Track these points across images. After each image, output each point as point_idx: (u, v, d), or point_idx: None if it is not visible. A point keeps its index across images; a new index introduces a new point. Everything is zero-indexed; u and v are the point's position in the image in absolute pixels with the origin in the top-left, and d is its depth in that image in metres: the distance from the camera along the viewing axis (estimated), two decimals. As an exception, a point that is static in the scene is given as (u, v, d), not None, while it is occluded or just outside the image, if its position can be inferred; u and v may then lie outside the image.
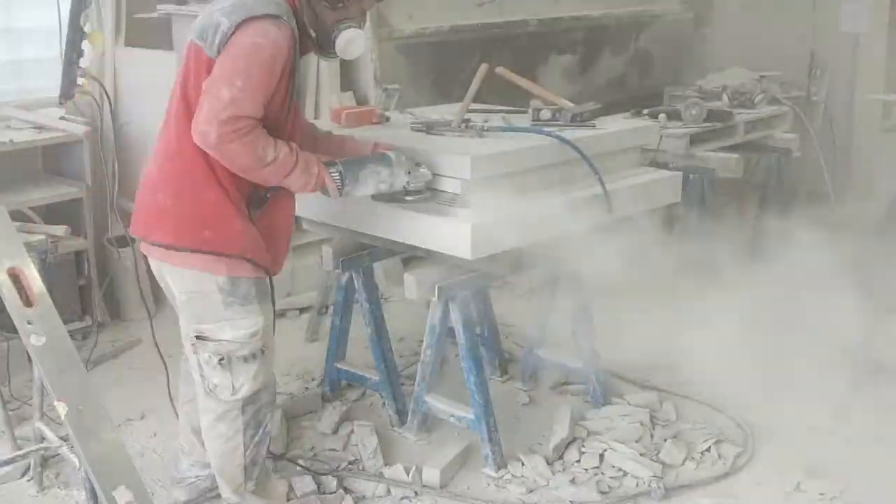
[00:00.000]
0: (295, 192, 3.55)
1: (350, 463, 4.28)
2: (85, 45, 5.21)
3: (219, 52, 3.23)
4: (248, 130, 3.15)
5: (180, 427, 4.04)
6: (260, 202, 3.46)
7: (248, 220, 3.41)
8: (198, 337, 3.46)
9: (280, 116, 3.38)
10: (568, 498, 4.00)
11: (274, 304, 3.64)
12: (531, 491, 4.07)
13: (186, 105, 3.34)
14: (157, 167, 3.48)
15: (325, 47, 3.57)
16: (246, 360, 3.47)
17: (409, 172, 3.70)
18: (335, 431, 4.54)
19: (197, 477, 3.96)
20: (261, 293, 3.50)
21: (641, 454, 4.27)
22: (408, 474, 4.11)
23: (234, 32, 3.22)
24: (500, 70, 4.81)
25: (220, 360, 3.45)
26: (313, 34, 3.51)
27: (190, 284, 3.44)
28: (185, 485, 3.99)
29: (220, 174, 3.32)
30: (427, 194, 3.80)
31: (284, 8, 3.33)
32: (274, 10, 3.25)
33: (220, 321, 3.43)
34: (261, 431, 3.60)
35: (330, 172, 3.48)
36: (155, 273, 3.60)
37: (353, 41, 3.54)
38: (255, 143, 3.19)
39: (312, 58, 6.21)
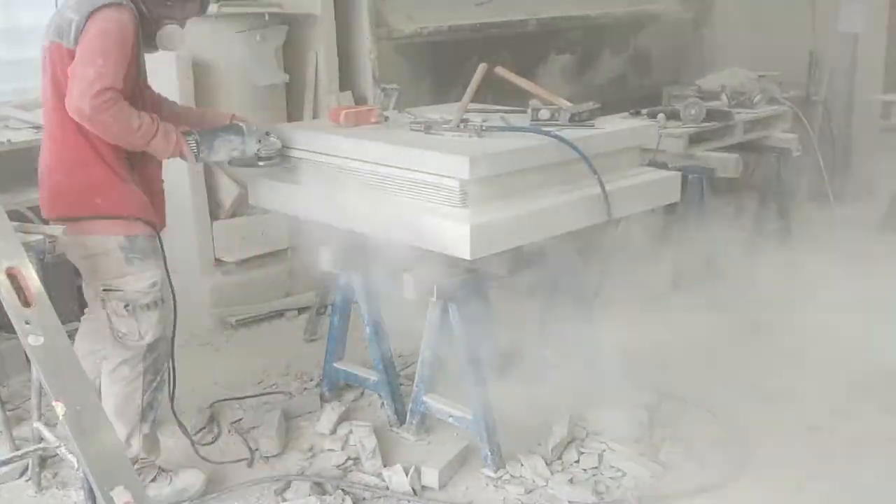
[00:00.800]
0: (159, 158, 3.95)
1: (349, 462, 4.27)
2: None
3: (76, 43, 3.65)
4: (115, 100, 3.58)
5: None
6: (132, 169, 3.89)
7: (132, 185, 3.85)
8: (105, 289, 3.86)
9: (134, 92, 3.81)
10: (566, 498, 3.99)
11: (165, 260, 3.98)
12: (530, 491, 4.07)
13: (58, 93, 3.73)
14: (47, 152, 3.91)
15: (147, 41, 3.95)
16: (148, 307, 3.85)
17: (260, 141, 4.13)
18: (334, 431, 4.53)
19: None
20: (154, 248, 3.91)
21: (641, 454, 4.27)
22: (406, 475, 4.10)
23: (86, 23, 3.64)
24: (499, 70, 4.80)
25: (126, 306, 3.83)
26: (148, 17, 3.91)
27: (93, 248, 3.85)
28: None
29: (100, 147, 3.75)
30: (277, 160, 4.23)
31: None
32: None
33: (124, 276, 3.84)
34: (158, 378, 3.96)
35: (187, 141, 3.88)
36: (67, 253, 3.97)
37: (171, 36, 4.00)
38: (122, 111, 3.62)
39: (311, 58, 6.23)
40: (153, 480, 4.02)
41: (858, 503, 3.97)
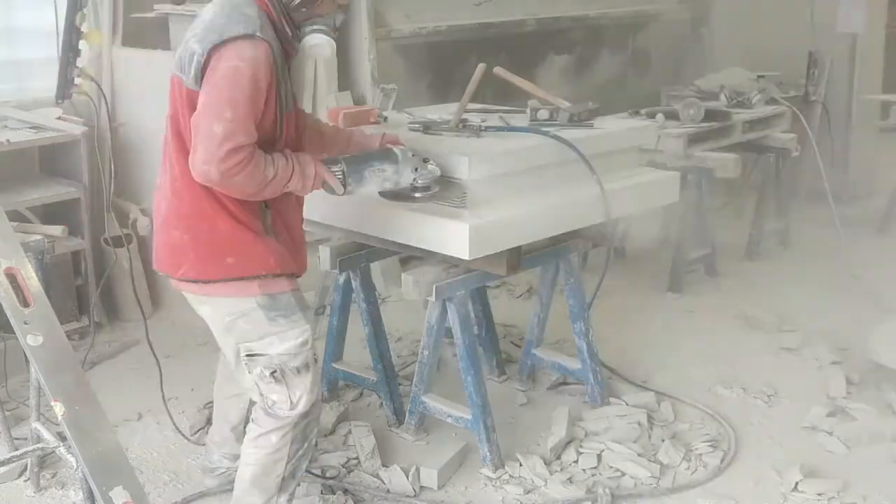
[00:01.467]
0: (300, 195, 3.49)
1: (348, 462, 4.27)
2: (82, 44, 5.21)
3: (197, 82, 3.18)
4: (248, 159, 3.10)
5: (214, 420, 4.08)
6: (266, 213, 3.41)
7: (266, 237, 3.38)
8: (248, 355, 3.41)
9: (272, 129, 3.30)
10: (565, 498, 3.99)
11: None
12: (529, 491, 4.07)
13: (181, 142, 3.30)
14: (165, 203, 3.44)
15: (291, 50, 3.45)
16: (299, 371, 3.41)
17: (416, 169, 3.62)
18: (333, 431, 4.53)
19: (228, 469, 3.97)
20: (300, 301, 3.46)
21: (639, 454, 4.27)
22: (406, 475, 4.10)
23: (209, 59, 3.15)
24: (497, 70, 4.80)
25: (273, 373, 3.38)
26: (289, 33, 3.39)
27: (230, 308, 3.39)
28: (216, 474, 4.03)
29: (227, 202, 3.28)
30: (435, 190, 3.72)
31: (256, 21, 3.21)
32: (245, 29, 3.15)
33: (267, 336, 3.38)
34: (305, 445, 3.55)
35: (332, 170, 3.40)
36: (192, 304, 3.56)
37: (318, 47, 3.45)
38: (256, 168, 3.13)
39: (310, 58, 6.22)
40: None
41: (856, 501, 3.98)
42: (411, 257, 4.23)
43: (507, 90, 4.92)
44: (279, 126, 3.32)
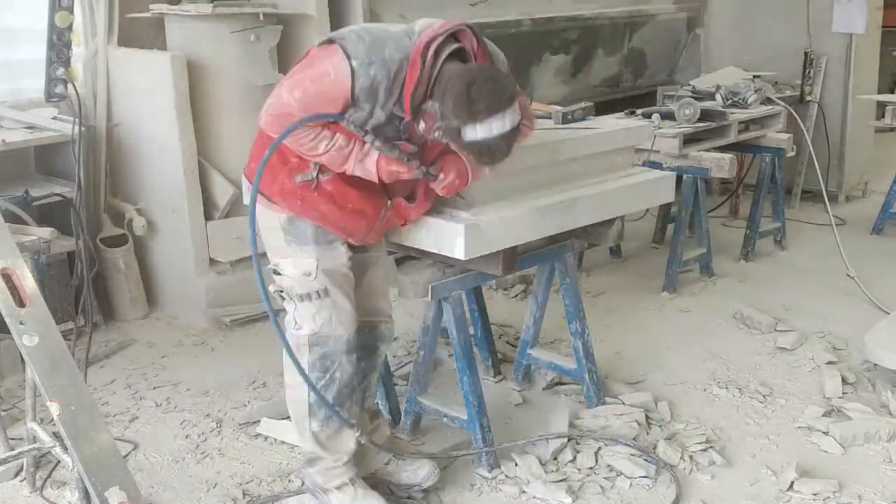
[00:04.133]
0: (371, 179, 3.58)
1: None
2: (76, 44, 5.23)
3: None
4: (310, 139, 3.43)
5: None
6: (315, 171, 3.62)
7: (303, 185, 3.60)
8: (273, 271, 3.70)
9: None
10: (561, 498, 3.99)
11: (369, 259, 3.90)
12: (524, 491, 4.07)
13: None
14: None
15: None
16: (302, 298, 3.65)
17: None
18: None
19: None
20: (320, 236, 3.65)
21: (636, 453, 4.27)
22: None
23: (320, 45, 3.51)
24: None
25: (281, 292, 3.67)
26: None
27: (263, 220, 3.69)
28: None
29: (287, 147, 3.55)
30: None
31: (394, 54, 3.41)
32: (362, 53, 3.37)
33: (285, 256, 3.68)
34: (327, 377, 3.72)
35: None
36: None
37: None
38: (300, 135, 3.43)
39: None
40: (338, 489, 3.86)
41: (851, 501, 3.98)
42: (407, 257, 4.23)
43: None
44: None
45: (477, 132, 3.26)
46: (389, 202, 3.71)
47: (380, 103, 3.39)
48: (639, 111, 6.44)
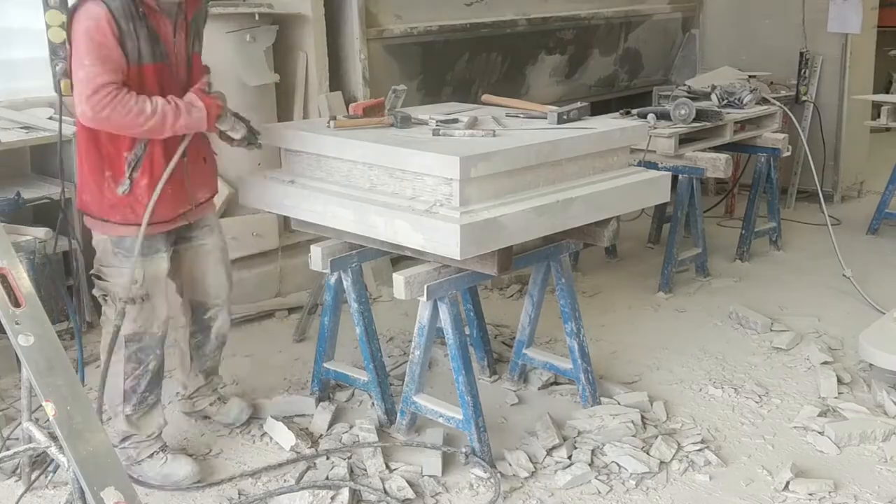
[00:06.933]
0: (200, 130, 4.02)
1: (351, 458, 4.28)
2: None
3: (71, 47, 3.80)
4: (114, 94, 3.68)
5: None
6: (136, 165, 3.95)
7: (120, 191, 3.93)
8: (94, 275, 4.09)
9: (142, 79, 3.84)
10: (558, 496, 3.99)
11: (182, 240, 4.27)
12: (519, 489, 4.07)
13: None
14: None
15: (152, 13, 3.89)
16: (126, 303, 3.96)
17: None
18: (327, 432, 4.53)
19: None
20: (146, 249, 3.97)
21: (632, 454, 4.28)
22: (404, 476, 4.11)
23: (70, 23, 3.79)
24: (485, 98, 4.90)
25: (104, 296, 4.05)
26: None
27: (95, 233, 4.07)
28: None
29: (104, 149, 3.91)
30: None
31: None
32: None
33: (111, 266, 4.03)
34: (141, 368, 4.12)
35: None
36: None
37: None
38: (124, 101, 3.70)
39: (301, 58, 6.23)
40: (149, 457, 4.20)
41: (847, 501, 3.99)
42: (402, 257, 4.23)
43: (501, 91, 4.94)
44: (137, 77, 3.84)
45: None
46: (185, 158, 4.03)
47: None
48: (634, 111, 6.44)
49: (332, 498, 3.95)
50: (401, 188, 4.03)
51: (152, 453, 4.21)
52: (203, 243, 4.34)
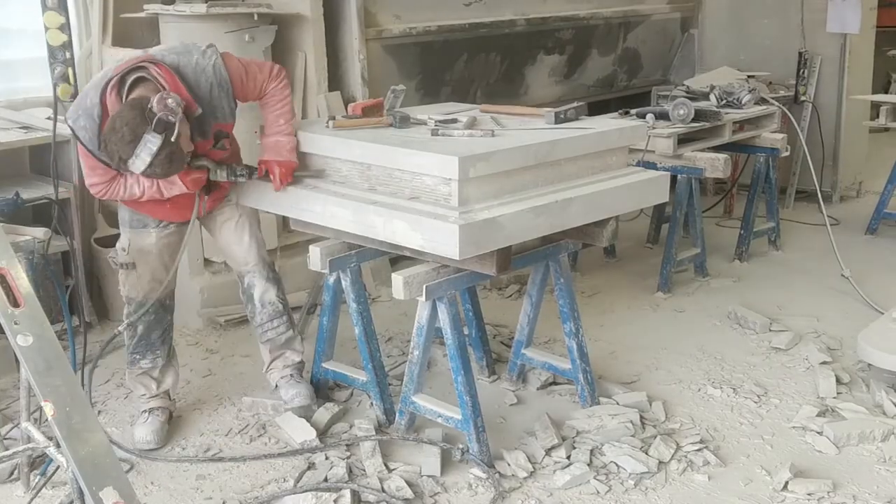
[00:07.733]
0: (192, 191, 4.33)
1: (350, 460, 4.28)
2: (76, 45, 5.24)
3: None
4: (103, 191, 4.24)
5: None
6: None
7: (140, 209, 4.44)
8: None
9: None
10: (556, 496, 4.00)
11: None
12: (517, 489, 4.07)
13: None
14: None
15: None
16: (119, 266, 4.50)
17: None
18: (327, 432, 4.53)
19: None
20: (135, 222, 4.44)
21: (630, 454, 4.28)
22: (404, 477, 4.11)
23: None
24: (483, 108, 4.92)
25: (114, 258, 4.54)
26: None
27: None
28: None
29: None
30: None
31: (94, 100, 4.05)
32: (71, 111, 4.12)
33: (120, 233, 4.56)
34: (136, 338, 4.54)
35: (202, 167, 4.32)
36: None
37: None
38: (115, 193, 4.25)
39: (300, 58, 6.23)
40: (141, 413, 4.62)
41: (845, 501, 3.99)
42: (401, 257, 4.24)
43: (499, 92, 4.93)
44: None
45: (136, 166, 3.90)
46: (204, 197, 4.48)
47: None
48: (633, 111, 6.44)
49: (335, 501, 3.95)
50: (399, 188, 4.04)
51: (142, 412, 4.60)
52: (222, 214, 4.64)
